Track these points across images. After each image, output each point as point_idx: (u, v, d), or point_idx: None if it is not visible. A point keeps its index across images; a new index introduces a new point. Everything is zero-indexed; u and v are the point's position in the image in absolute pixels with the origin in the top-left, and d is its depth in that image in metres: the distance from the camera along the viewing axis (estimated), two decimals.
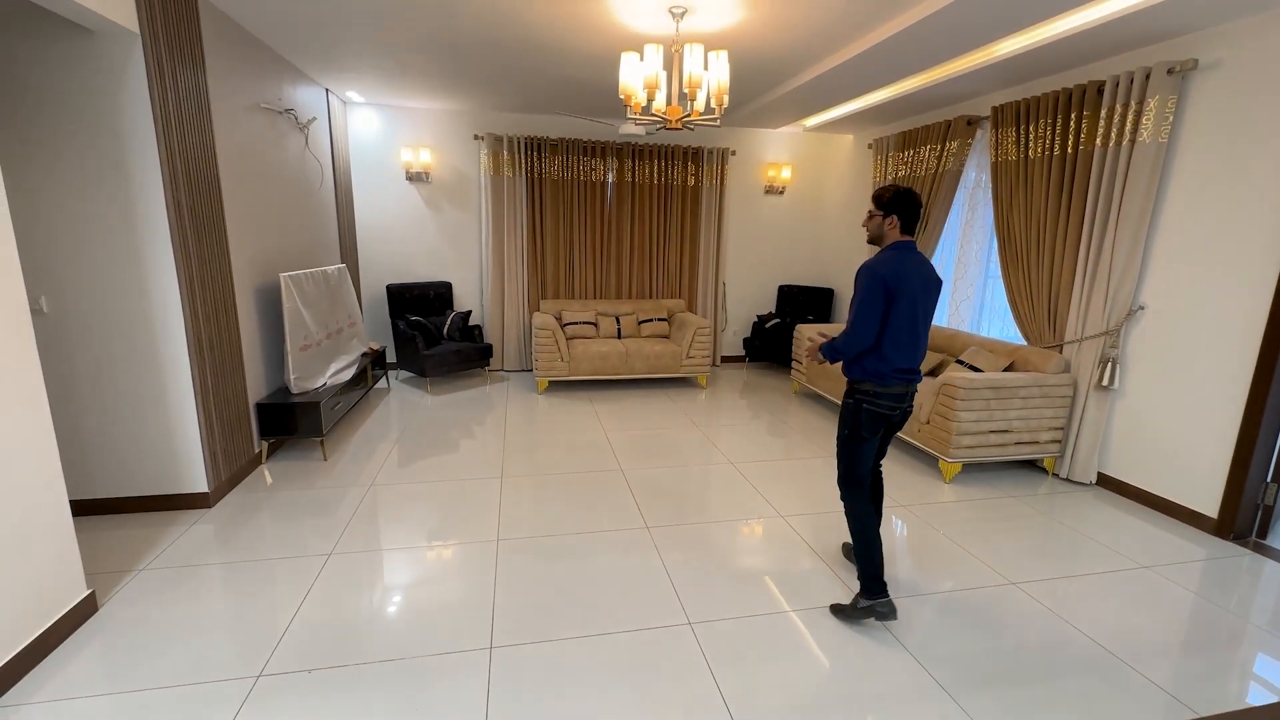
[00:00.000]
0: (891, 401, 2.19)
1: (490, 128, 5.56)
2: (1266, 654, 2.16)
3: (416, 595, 2.33)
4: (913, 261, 2.14)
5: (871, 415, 2.21)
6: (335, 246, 5.01)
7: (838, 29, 3.28)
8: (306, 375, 3.76)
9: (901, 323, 2.11)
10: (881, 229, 2.21)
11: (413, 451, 3.84)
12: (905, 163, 4.96)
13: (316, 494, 3.19)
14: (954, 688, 1.90)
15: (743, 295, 6.53)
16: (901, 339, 2.12)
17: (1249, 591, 2.53)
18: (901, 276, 2.08)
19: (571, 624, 2.16)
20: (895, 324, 2.11)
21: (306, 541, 2.70)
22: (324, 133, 4.74)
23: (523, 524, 2.90)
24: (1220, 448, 2.92)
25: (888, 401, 2.18)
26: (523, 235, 5.71)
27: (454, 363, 5.23)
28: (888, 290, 2.06)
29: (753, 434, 4.33)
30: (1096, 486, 3.49)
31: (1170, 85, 2.99)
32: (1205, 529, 2.98)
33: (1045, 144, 3.63)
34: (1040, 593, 2.44)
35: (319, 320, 4.00)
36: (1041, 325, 3.73)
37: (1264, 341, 2.74)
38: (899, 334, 2.12)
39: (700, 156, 5.95)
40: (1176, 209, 3.08)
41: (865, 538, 2.22)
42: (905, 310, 2.10)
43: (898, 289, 2.07)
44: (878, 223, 2.21)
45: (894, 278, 2.07)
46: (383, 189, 5.51)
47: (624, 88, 2.91)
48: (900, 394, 2.19)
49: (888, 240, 2.21)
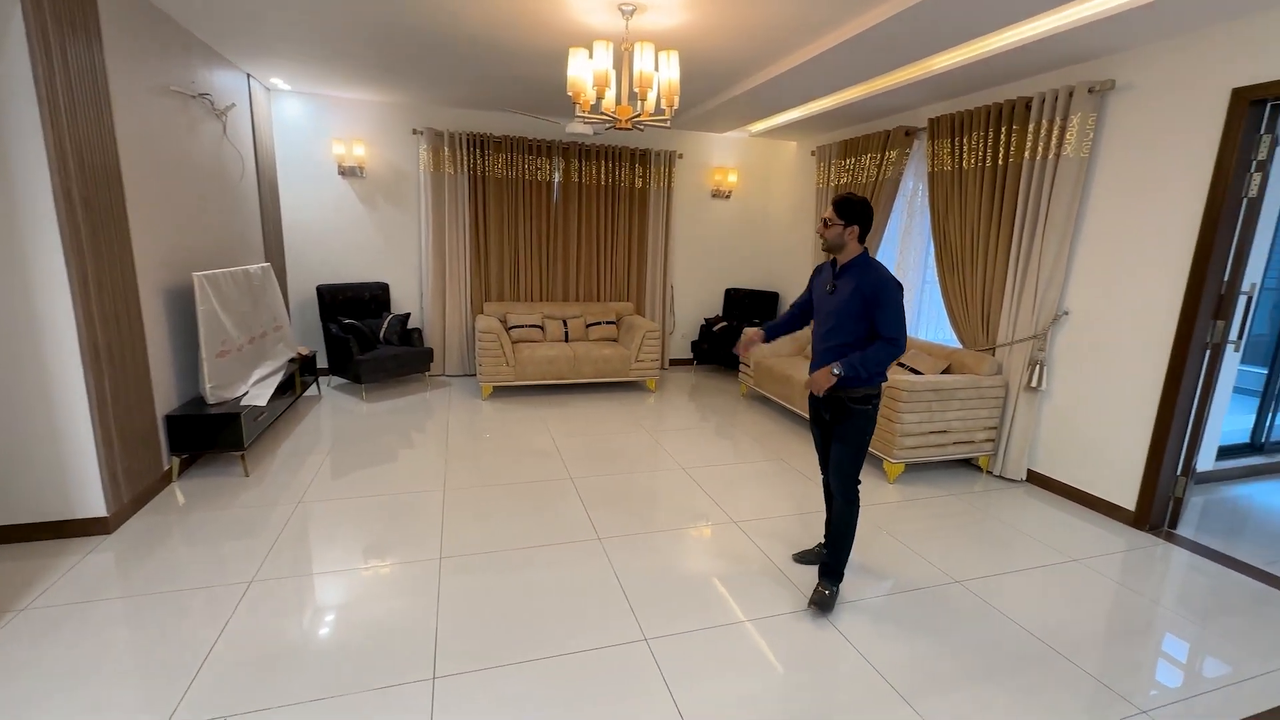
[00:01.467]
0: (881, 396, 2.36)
1: (430, 122, 5.32)
2: (1174, 635, 2.31)
3: (351, 623, 2.15)
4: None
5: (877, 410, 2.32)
6: (259, 244, 4.65)
7: (783, 36, 3.31)
8: (225, 384, 3.45)
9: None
10: (841, 238, 2.22)
11: (346, 463, 3.59)
12: (847, 170, 5.08)
13: (236, 514, 2.92)
14: (909, 692, 1.92)
15: (690, 298, 6.54)
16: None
17: (1162, 578, 2.71)
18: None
19: (521, 647, 2.05)
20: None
21: (224, 567, 2.45)
22: (244, 121, 4.39)
23: (467, 539, 2.75)
24: (1137, 444, 3.12)
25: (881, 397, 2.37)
26: (465, 235, 5.50)
27: (391, 368, 4.96)
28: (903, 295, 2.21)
29: (703, 438, 4.31)
30: (1027, 483, 3.66)
31: (1091, 103, 3.17)
32: (1124, 521, 3.17)
33: (978, 156, 3.79)
34: (982, 589, 2.51)
35: (240, 324, 3.69)
36: (976, 329, 3.89)
37: (1174, 345, 2.94)
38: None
39: (648, 158, 5.91)
40: (1097, 220, 3.28)
41: (852, 532, 2.36)
42: None
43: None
44: (837, 232, 2.21)
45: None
46: (312, 183, 5.17)
47: (573, 83, 2.82)
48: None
49: (848, 250, 2.23)
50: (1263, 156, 2.71)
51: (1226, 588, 2.62)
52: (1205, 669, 2.12)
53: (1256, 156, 2.71)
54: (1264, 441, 4.12)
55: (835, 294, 2.25)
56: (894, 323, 2.16)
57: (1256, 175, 2.73)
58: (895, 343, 2.17)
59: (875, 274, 2.18)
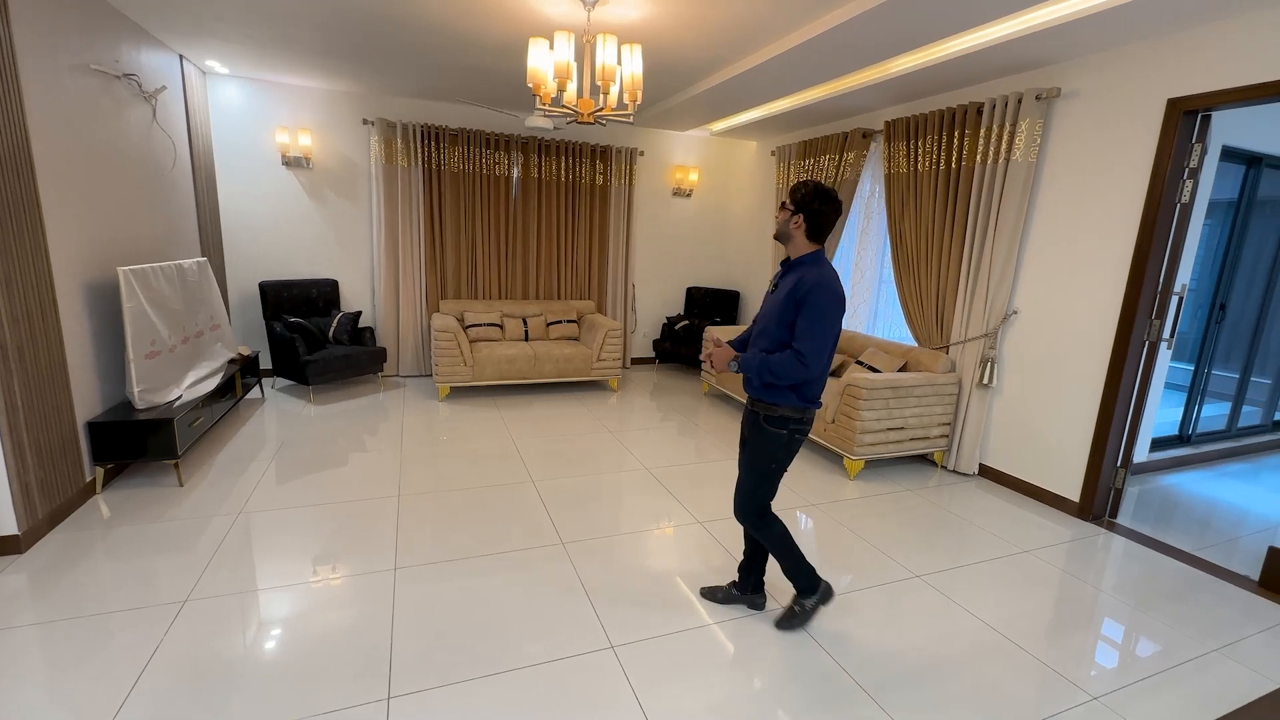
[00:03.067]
0: (809, 426, 2.04)
1: (382, 112, 5.10)
2: (1114, 617, 2.43)
3: (297, 641, 2.02)
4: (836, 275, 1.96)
5: (796, 444, 2.04)
6: (194, 238, 4.36)
7: (744, 34, 3.30)
8: (155, 387, 3.21)
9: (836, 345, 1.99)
10: (787, 227, 1.96)
11: (292, 469, 3.40)
12: (806, 170, 5.14)
13: (169, 527, 2.71)
14: (874, 688, 1.93)
15: (652, 297, 6.51)
16: (829, 360, 1.95)
17: (1104, 566, 2.83)
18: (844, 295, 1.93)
19: (481, 660, 1.96)
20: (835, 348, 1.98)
21: (155, 586, 2.27)
22: (177, 105, 4.10)
23: (423, 548, 2.64)
24: (1080, 438, 3.26)
25: (808, 427, 2.04)
26: (420, 230, 5.31)
27: (341, 368, 4.74)
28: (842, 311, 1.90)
29: (666, 437, 4.28)
30: (979, 477, 3.78)
31: (1039, 110, 3.28)
32: (1070, 512, 3.31)
33: (932, 159, 3.89)
34: (941, 583, 2.57)
35: (172, 322, 3.44)
36: (930, 328, 3.99)
37: (1115, 342, 3.08)
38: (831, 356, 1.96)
39: (609, 155, 5.84)
40: (1044, 223, 3.40)
41: (789, 548, 2.13)
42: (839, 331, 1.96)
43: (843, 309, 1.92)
44: (784, 218, 1.97)
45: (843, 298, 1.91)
46: (254, 174, 4.88)
47: (533, 74, 2.73)
48: (813, 417, 2.06)
49: (795, 244, 1.97)
50: (1194, 164, 2.85)
51: (1162, 573, 2.75)
52: (1146, 652, 2.21)
53: (1189, 164, 2.86)
54: (1191, 434, 4.38)
55: (775, 292, 2.01)
56: (809, 334, 1.85)
57: (1189, 182, 2.88)
58: (802, 359, 1.85)
59: (814, 276, 1.88)
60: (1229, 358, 4.49)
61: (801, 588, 2.18)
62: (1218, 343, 4.35)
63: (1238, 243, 4.11)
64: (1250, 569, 2.76)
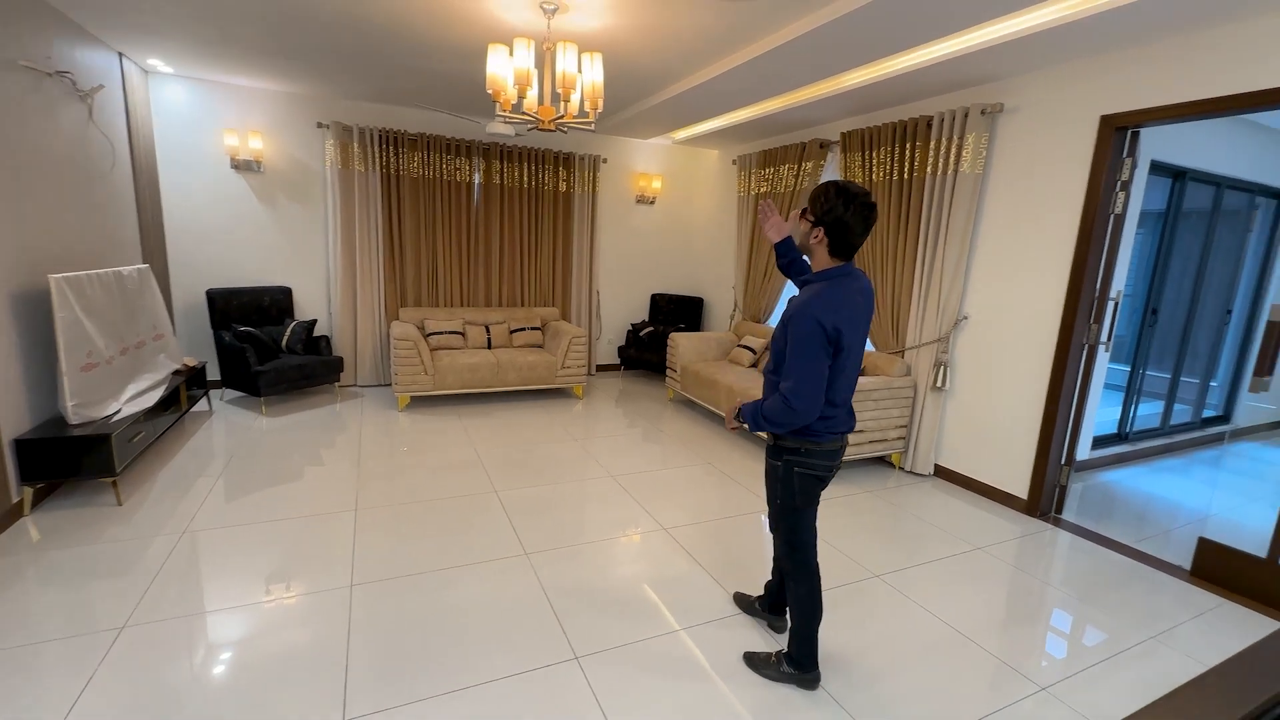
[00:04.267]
0: (827, 460, 1.78)
1: (337, 116, 4.98)
2: (1060, 609, 2.54)
3: (246, 665, 1.93)
4: (854, 292, 1.68)
5: (805, 480, 1.79)
6: (135, 244, 4.16)
7: (704, 45, 3.35)
8: (92, 401, 3.04)
9: (846, 374, 1.71)
10: (807, 241, 1.72)
11: (242, 485, 3.26)
12: (766, 179, 5.24)
13: (105, 549, 2.57)
14: (837, 689, 1.96)
15: (616, 303, 6.52)
16: (843, 390, 1.72)
17: (1050, 560, 2.95)
18: (847, 321, 1.63)
19: (442, 677, 1.92)
20: (838, 377, 1.69)
21: (90, 613, 2.14)
22: (116, 105, 3.91)
23: (381, 562, 2.56)
24: (1027, 437, 3.39)
25: (823, 461, 1.78)
26: (378, 236, 5.19)
27: (295, 378, 4.58)
28: (831, 341, 1.63)
29: (631, 444, 4.28)
30: (935, 477, 3.90)
31: (984, 124, 3.43)
32: (1018, 509, 3.44)
33: (886, 169, 4.01)
34: (899, 582, 2.63)
35: (110, 333, 3.27)
36: (887, 333, 4.11)
37: (1057, 346, 3.23)
38: (841, 386, 1.71)
39: (572, 162, 5.83)
40: (991, 232, 3.55)
41: (810, 609, 1.89)
42: (853, 360, 1.70)
43: (842, 337, 1.63)
44: (803, 231, 1.73)
45: (836, 327, 1.62)
46: (200, 177, 4.69)
47: (492, 80, 2.71)
48: (835, 450, 1.79)
49: (817, 259, 1.73)
50: (1126, 177, 3.03)
51: (1103, 565, 2.89)
52: (1090, 642, 2.32)
53: (1121, 177, 3.03)
54: (1129, 431, 4.62)
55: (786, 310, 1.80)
56: (790, 371, 1.63)
57: (1121, 194, 3.05)
58: (788, 403, 1.63)
59: (805, 297, 1.67)
60: (1161, 359, 4.76)
61: (795, 656, 1.93)
62: (1151, 345, 4.61)
63: (1167, 251, 4.37)
64: (1183, 559, 2.92)
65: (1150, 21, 2.56)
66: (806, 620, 1.91)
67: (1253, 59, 2.48)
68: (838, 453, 1.81)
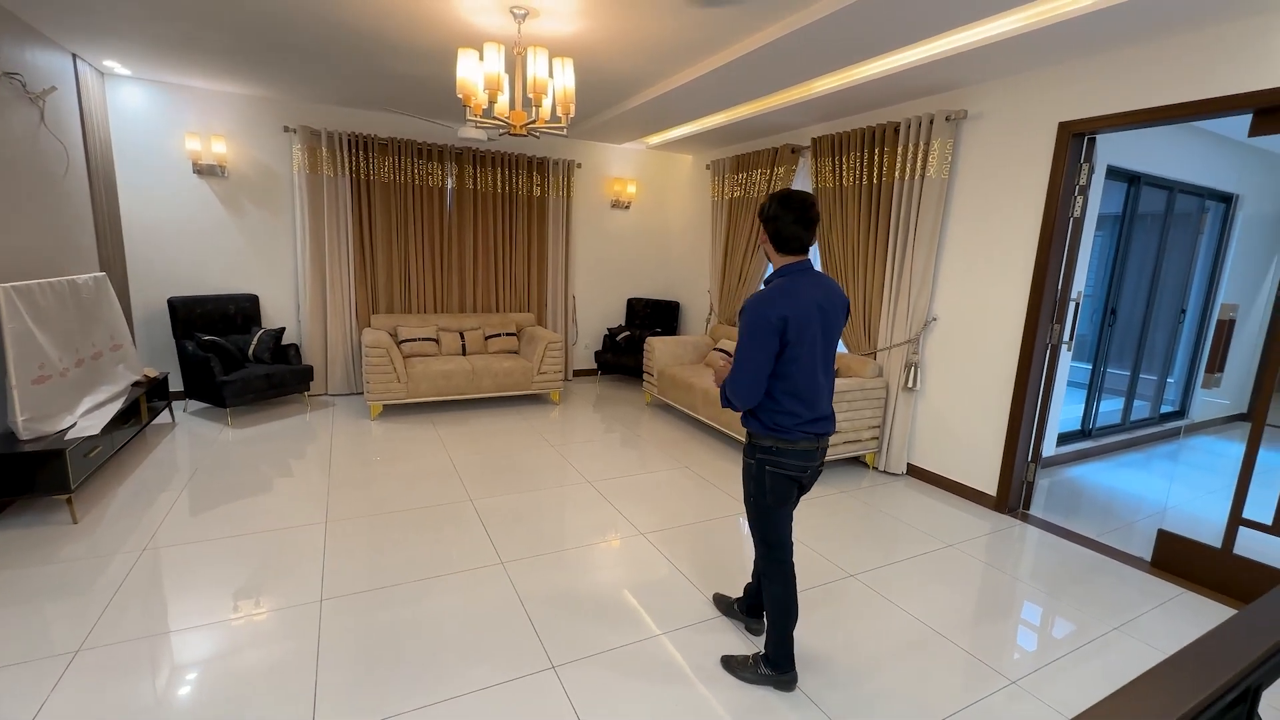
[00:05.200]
0: (799, 460, 1.82)
1: (305, 120, 4.88)
2: (1029, 603, 2.60)
3: (211, 688, 1.87)
4: (811, 287, 1.76)
5: (776, 479, 1.83)
6: (91, 251, 4.01)
7: (675, 52, 3.38)
8: (45, 415, 2.92)
9: (801, 367, 1.75)
10: (763, 245, 1.85)
11: (207, 499, 3.16)
12: (739, 184, 5.29)
13: (60, 569, 2.46)
14: (814, 690, 1.97)
15: (592, 308, 6.51)
16: (802, 385, 1.76)
17: (1019, 555, 3.02)
18: (793, 313, 1.70)
19: (416, 692, 1.88)
20: (793, 370, 1.74)
21: (43, 636, 2.05)
22: (70, 108, 3.78)
23: (353, 576, 2.51)
24: (995, 436, 3.48)
25: (795, 461, 1.81)
26: (348, 242, 5.09)
27: (263, 388, 4.47)
28: (781, 333, 1.71)
29: (608, 449, 4.27)
30: (907, 476, 3.97)
31: (949, 130, 3.51)
32: (988, 505, 3.52)
33: (856, 174, 4.08)
34: (873, 581, 2.67)
35: (64, 343, 3.15)
36: (859, 335, 4.17)
37: (1022, 345, 3.32)
38: (799, 380, 1.75)
39: (546, 167, 5.81)
40: (957, 235, 3.63)
41: (784, 609, 1.92)
42: (797, 353, 1.73)
43: (788, 329, 1.70)
44: (762, 238, 1.85)
45: (782, 317, 1.70)
46: (161, 183, 4.55)
47: (462, 85, 2.68)
48: (809, 450, 1.82)
49: (772, 260, 1.84)
50: (1084, 182, 3.13)
51: (1070, 559, 2.97)
52: (1058, 635, 2.38)
53: (1079, 181, 3.13)
54: (1091, 428, 4.76)
55: None
56: (735, 357, 1.76)
57: (1079, 198, 3.15)
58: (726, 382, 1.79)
59: (760, 291, 1.79)
60: (1121, 357, 4.92)
61: (772, 657, 1.95)
62: (1111, 344, 4.77)
63: (1124, 253, 4.53)
64: (1144, 551, 3.02)
65: (1104, 32, 2.66)
66: (782, 621, 1.93)
67: (1201, 69, 2.59)
68: (813, 454, 1.84)
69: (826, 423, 1.85)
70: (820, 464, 1.89)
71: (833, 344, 1.84)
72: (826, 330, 1.79)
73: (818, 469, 1.89)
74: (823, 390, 1.83)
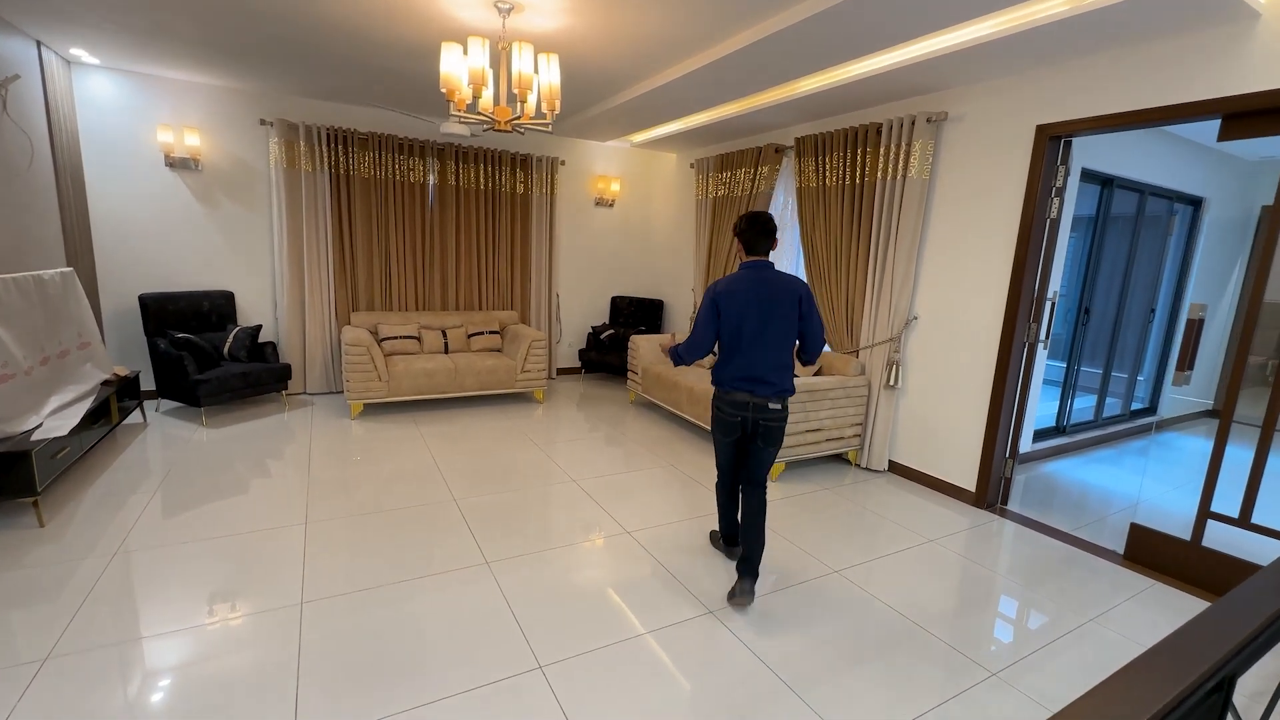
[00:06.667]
0: (731, 408, 2.41)
1: (282, 113, 4.78)
2: (1007, 596, 2.66)
3: (186, 696, 1.82)
4: (753, 279, 2.36)
5: (716, 419, 2.49)
6: (57, 245, 3.89)
7: (661, 49, 3.37)
8: (8, 415, 2.82)
9: (730, 334, 2.36)
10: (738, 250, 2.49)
11: (181, 501, 3.08)
12: (724, 183, 5.31)
13: (26, 575, 2.38)
14: (799, 683, 1.99)
15: (577, 306, 6.48)
16: (731, 348, 2.38)
17: (997, 549, 3.08)
18: (731, 294, 2.35)
19: (399, 695, 1.85)
20: (726, 336, 2.38)
21: (8, 645, 1.98)
22: (34, 97, 3.65)
23: (334, 578, 2.46)
24: (974, 433, 3.54)
25: (728, 408, 2.42)
26: (327, 238, 5.00)
27: (238, 387, 4.37)
28: (715, 306, 2.35)
29: (593, 448, 4.26)
30: (889, 473, 4.02)
31: (930, 131, 3.56)
32: (968, 501, 3.58)
33: (839, 174, 4.12)
34: (857, 576, 2.70)
35: (28, 341, 3.04)
36: (842, 333, 4.21)
37: (1000, 344, 3.38)
38: (729, 344, 2.39)
39: (530, 163, 5.77)
40: (938, 235, 3.69)
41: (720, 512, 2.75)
42: (733, 323, 2.34)
43: (725, 304, 2.34)
44: (736, 245, 2.56)
45: (723, 295, 2.35)
46: (131, 175, 4.42)
47: (446, 79, 2.65)
48: (741, 402, 2.38)
49: (741, 260, 2.47)
50: (1060, 184, 3.19)
51: (1046, 553, 3.03)
52: (1035, 627, 2.43)
53: (1055, 184, 3.19)
54: (1066, 424, 4.87)
55: None
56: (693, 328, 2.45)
57: (1056, 200, 3.22)
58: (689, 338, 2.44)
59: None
60: (1094, 356, 5.04)
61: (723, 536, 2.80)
62: (1085, 342, 4.88)
63: (1097, 254, 4.64)
64: (1117, 544, 3.09)
65: (1080, 38, 2.71)
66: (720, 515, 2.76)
67: (1174, 75, 2.65)
68: (746, 406, 2.37)
69: (759, 385, 2.34)
70: (763, 420, 2.36)
71: (781, 326, 2.32)
72: (767, 313, 2.31)
73: (765, 424, 2.37)
74: (760, 359, 2.33)
